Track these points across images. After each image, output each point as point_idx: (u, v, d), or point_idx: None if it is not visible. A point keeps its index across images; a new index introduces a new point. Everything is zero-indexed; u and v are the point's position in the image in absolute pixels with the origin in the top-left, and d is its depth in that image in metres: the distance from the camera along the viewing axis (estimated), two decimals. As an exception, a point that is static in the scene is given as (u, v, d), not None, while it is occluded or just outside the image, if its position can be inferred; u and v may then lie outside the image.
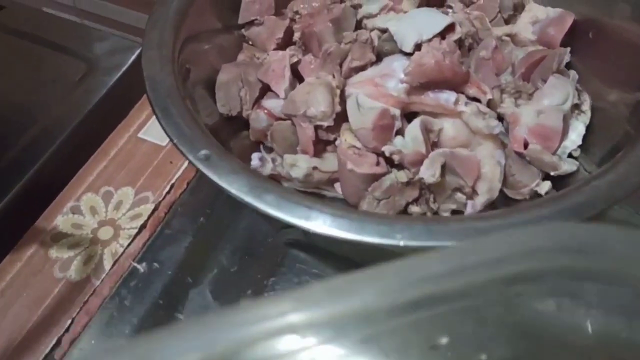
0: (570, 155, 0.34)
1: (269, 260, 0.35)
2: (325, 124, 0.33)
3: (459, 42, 0.34)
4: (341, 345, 0.18)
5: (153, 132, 0.39)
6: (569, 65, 0.38)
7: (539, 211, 0.26)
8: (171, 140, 0.29)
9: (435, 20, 0.33)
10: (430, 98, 0.33)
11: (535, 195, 0.33)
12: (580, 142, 0.34)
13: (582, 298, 0.18)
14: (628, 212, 0.37)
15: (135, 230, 0.35)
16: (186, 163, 0.37)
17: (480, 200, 0.31)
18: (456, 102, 0.33)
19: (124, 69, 0.44)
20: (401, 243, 0.25)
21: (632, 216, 0.37)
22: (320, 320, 0.17)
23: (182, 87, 0.32)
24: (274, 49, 0.39)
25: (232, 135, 0.36)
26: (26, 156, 0.39)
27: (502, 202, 0.34)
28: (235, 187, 0.27)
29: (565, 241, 0.17)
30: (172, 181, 0.37)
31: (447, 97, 0.33)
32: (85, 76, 0.43)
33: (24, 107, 0.42)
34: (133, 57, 0.45)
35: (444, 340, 0.19)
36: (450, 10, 0.40)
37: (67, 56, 0.45)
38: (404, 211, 0.32)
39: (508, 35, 0.38)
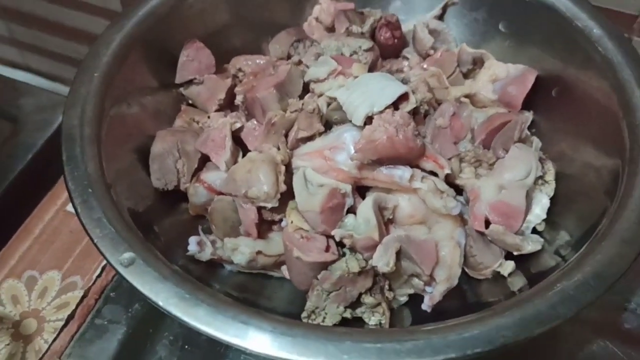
0: (535, 230, 0.32)
1: (211, 350, 0.32)
2: (269, 205, 0.30)
3: (414, 111, 0.31)
4: None
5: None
6: (532, 125, 0.36)
7: (498, 321, 0.23)
8: (92, 240, 0.26)
9: (387, 88, 0.30)
10: (384, 174, 0.30)
11: (498, 275, 0.31)
12: (544, 216, 0.32)
13: None
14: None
15: (62, 323, 0.31)
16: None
17: (439, 289, 0.29)
18: (411, 178, 0.30)
19: (53, 128, 0.40)
20: (349, 365, 0.22)
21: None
22: None
23: (108, 169, 0.29)
24: (215, 111, 0.36)
25: (169, 210, 0.33)
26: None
27: (463, 279, 0.31)
28: (162, 298, 0.24)
29: None
30: (104, 262, 0.33)
31: (402, 173, 0.30)
32: (9, 138, 0.39)
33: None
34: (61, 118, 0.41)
35: None
36: (405, 64, 0.38)
37: (-10, 112, 0.41)
38: (357, 301, 0.29)
39: (467, 95, 0.36)
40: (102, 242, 0.26)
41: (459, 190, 0.32)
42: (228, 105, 0.36)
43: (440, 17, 0.40)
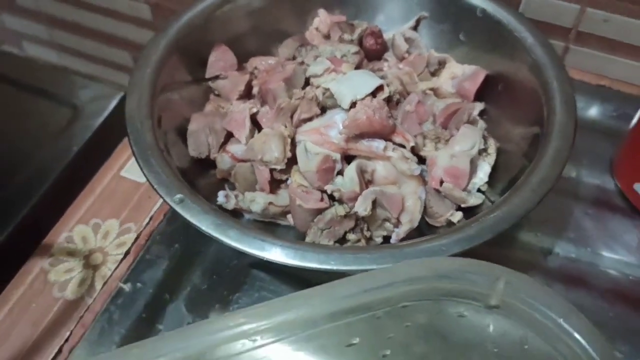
0: (479, 190, 0.42)
1: (233, 279, 0.42)
2: (279, 167, 0.40)
3: (388, 99, 0.41)
4: (282, 343, 0.25)
5: (133, 171, 0.46)
6: (483, 112, 0.47)
7: (440, 241, 0.33)
8: (152, 187, 0.36)
9: (367, 81, 0.41)
10: (364, 145, 0.40)
11: (450, 223, 0.41)
12: (486, 179, 0.42)
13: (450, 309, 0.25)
14: (532, 234, 0.45)
15: (121, 256, 0.41)
16: (163, 198, 0.44)
17: (404, 228, 0.39)
18: (385, 148, 0.40)
19: (106, 114, 0.50)
20: (334, 267, 0.32)
21: (534, 237, 0.45)
22: (264, 328, 0.24)
23: (159, 138, 0.39)
24: (237, 99, 0.46)
25: (202, 174, 0.43)
26: (22, 195, 0.45)
27: (425, 227, 0.41)
28: (205, 225, 0.34)
29: (435, 271, 0.25)
30: (151, 214, 0.43)
31: (378, 144, 0.40)
32: (71, 122, 0.49)
33: (18, 151, 0.48)
34: (114, 103, 0.51)
35: (356, 340, 0.26)
36: (385, 65, 0.48)
37: (54, 103, 0.51)
38: (343, 238, 0.39)
39: (431, 88, 0.46)
40: (160, 187, 0.36)
41: (422, 160, 0.42)
42: (246, 95, 0.46)
43: (414, 28, 0.50)
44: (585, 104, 0.51)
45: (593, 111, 0.51)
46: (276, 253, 0.33)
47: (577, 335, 0.24)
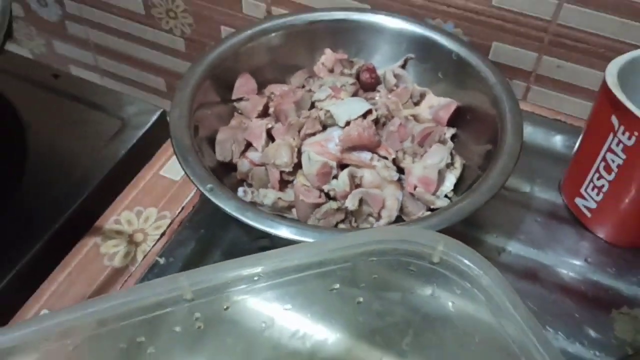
0: (446, 196, 0.52)
1: (246, 260, 0.52)
2: (287, 170, 0.50)
3: (376, 121, 0.52)
4: (276, 286, 0.35)
5: (170, 171, 0.56)
6: (455, 136, 0.57)
7: (410, 226, 0.43)
8: (189, 178, 0.46)
9: (360, 106, 0.52)
10: (355, 156, 0.51)
11: (422, 221, 0.51)
12: (452, 187, 0.52)
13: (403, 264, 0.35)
14: (490, 235, 0.55)
15: (158, 237, 0.52)
16: (192, 193, 0.54)
17: (383, 222, 0.49)
18: (371, 159, 0.51)
19: (147, 126, 0.61)
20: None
21: (491, 237, 0.54)
22: (262, 272, 0.34)
23: (195, 144, 0.50)
24: (256, 117, 0.57)
25: (225, 174, 0.53)
26: (79, 187, 0.55)
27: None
28: (229, 208, 0.45)
29: (396, 235, 0.35)
30: (183, 205, 0.54)
31: (366, 156, 0.51)
32: (119, 131, 0.60)
33: (76, 153, 0.58)
34: (154, 118, 0.62)
35: (337, 286, 0.36)
36: (377, 95, 0.59)
37: (106, 115, 0.62)
38: (335, 227, 0.49)
39: (413, 115, 0.56)
40: (195, 179, 0.46)
41: (401, 170, 0.53)
42: (264, 114, 0.57)
43: (403, 67, 0.61)
44: (544, 135, 0.62)
45: (549, 140, 0.62)
46: (283, 230, 0.43)
47: (493, 287, 0.34)
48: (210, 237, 0.53)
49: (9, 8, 0.46)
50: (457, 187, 0.52)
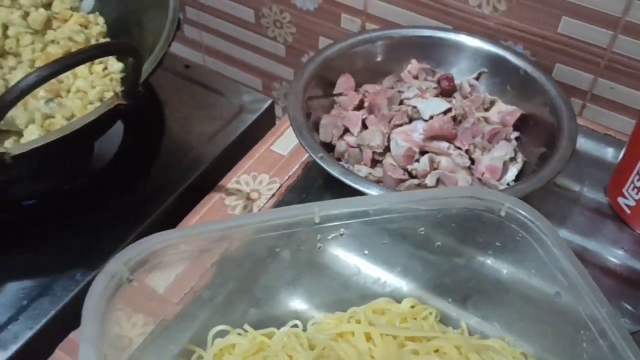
0: (508, 184, 0.63)
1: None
2: (379, 150, 0.62)
3: (454, 118, 0.64)
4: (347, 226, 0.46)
5: (279, 147, 0.68)
6: (517, 138, 0.68)
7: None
8: (304, 147, 0.59)
9: (441, 104, 0.63)
10: (435, 145, 0.62)
11: (486, 202, 0.61)
12: (513, 178, 0.63)
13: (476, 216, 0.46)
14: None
15: (269, 197, 0.64)
16: (297, 165, 0.67)
17: (455, 198, 0.60)
18: (448, 148, 0.62)
19: (261, 111, 0.74)
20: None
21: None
22: (331, 215, 0.45)
23: (306, 122, 0.62)
24: (352, 110, 0.69)
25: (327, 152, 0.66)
26: (204, 155, 0.69)
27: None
28: (335, 172, 0.57)
29: (470, 193, 0.46)
30: (289, 174, 0.66)
31: (444, 145, 0.62)
32: (238, 114, 0.74)
33: (202, 129, 0.72)
34: (265, 106, 0.75)
35: (422, 230, 0.47)
36: (453, 100, 0.70)
37: (228, 100, 0.75)
38: (415, 200, 0.61)
39: (484, 117, 0.68)
40: (309, 148, 0.58)
41: (471, 161, 0.64)
42: (358, 107, 0.69)
43: (476, 79, 0.72)
44: (595, 145, 0.71)
45: (599, 151, 0.71)
46: (374, 190, 0.55)
47: (546, 232, 0.45)
48: (309, 201, 0.65)
49: (178, 4, 0.60)
50: (517, 179, 0.63)
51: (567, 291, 0.44)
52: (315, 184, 0.66)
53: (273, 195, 0.64)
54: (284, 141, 0.69)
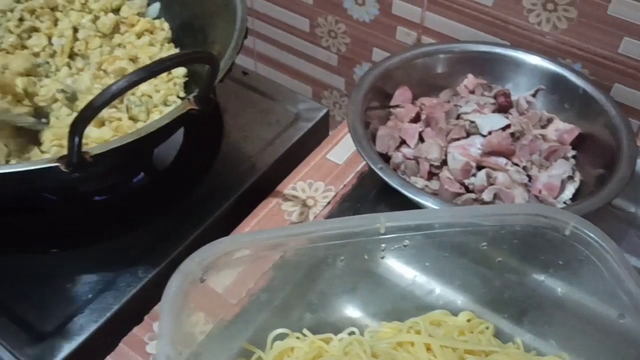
0: (565, 203, 0.63)
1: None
2: (436, 163, 0.63)
3: (512, 134, 0.64)
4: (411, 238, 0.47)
5: (335, 156, 0.70)
6: (574, 157, 0.68)
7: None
8: (364, 158, 0.60)
9: (500, 120, 0.64)
10: (493, 160, 0.63)
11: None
12: (571, 197, 0.63)
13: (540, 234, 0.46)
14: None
15: (325, 204, 0.65)
16: (353, 173, 0.68)
17: (511, 214, 0.61)
18: (506, 164, 0.62)
19: (316, 120, 0.76)
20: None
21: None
22: (396, 226, 0.46)
23: (365, 133, 0.63)
24: (408, 122, 0.70)
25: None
26: (262, 160, 0.71)
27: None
28: (394, 183, 0.57)
29: (534, 211, 0.46)
30: (344, 183, 0.67)
31: (502, 161, 0.62)
32: (294, 121, 0.75)
33: (259, 134, 0.74)
34: (321, 115, 0.77)
35: (484, 245, 0.48)
36: (510, 115, 0.70)
37: (284, 108, 0.77)
38: (470, 214, 0.61)
39: (541, 134, 0.68)
40: (368, 159, 0.59)
41: (528, 178, 0.64)
42: (414, 120, 0.70)
43: (534, 95, 0.72)
44: (652, 167, 0.71)
45: (656, 172, 0.71)
46: (430, 202, 0.56)
47: (608, 249, 0.45)
48: (365, 210, 0.66)
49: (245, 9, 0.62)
50: (573, 198, 0.63)
51: (631, 312, 0.44)
52: (370, 194, 0.67)
53: (329, 203, 0.66)
54: (339, 150, 0.71)
